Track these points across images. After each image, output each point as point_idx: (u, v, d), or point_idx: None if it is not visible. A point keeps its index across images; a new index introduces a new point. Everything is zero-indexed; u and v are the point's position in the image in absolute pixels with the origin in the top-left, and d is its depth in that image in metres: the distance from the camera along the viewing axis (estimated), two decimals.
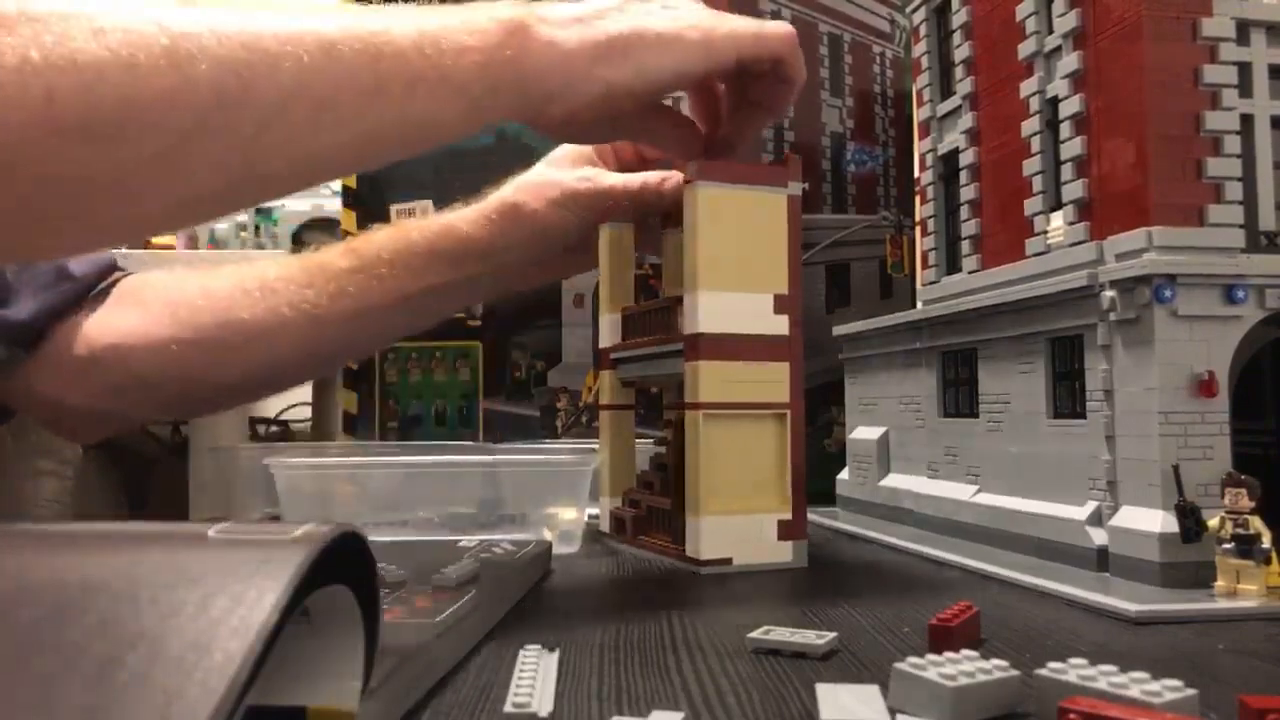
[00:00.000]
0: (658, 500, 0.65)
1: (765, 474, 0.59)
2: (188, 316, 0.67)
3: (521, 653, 0.36)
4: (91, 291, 0.68)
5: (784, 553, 0.59)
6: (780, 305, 0.59)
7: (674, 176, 0.65)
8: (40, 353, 0.66)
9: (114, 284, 0.70)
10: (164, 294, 0.69)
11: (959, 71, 0.72)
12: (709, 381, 0.57)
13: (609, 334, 0.72)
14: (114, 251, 0.72)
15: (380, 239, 0.68)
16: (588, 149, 0.69)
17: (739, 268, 0.58)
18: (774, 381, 0.59)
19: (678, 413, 0.62)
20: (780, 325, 0.59)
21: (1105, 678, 0.29)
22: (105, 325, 0.67)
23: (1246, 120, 0.53)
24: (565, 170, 0.68)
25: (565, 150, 0.70)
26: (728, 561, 0.57)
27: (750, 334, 0.58)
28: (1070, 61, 0.59)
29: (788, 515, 0.59)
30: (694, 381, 0.58)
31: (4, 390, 0.68)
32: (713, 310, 0.58)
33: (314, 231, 1.93)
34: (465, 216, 0.68)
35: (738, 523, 0.58)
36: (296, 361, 0.69)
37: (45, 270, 0.67)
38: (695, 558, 0.57)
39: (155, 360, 0.65)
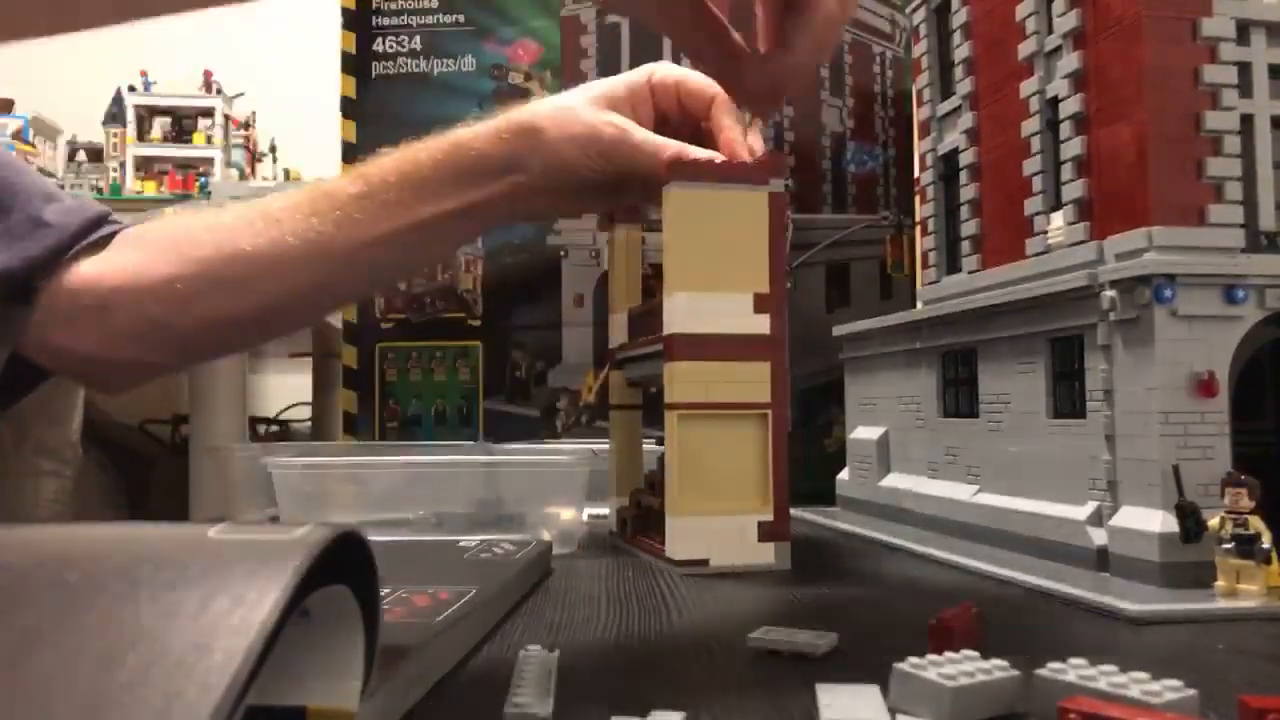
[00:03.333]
0: (653, 500, 0.65)
1: (745, 475, 0.58)
2: (190, 251, 0.66)
3: (521, 653, 0.36)
4: (82, 240, 0.67)
5: (765, 554, 0.58)
6: (760, 305, 0.58)
7: (715, 158, 0.61)
8: (48, 304, 0.66)
9: (113, 234, 0.69)
10: (168, 233, 0.68)
11: (959, 71, 0.72)
12: (683, 382, 0.57)
13: (618, 334, 0.72)
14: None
15: (388, 162, 0.66)
16: (624, 91, 0.66)
17: (716, 268, 0.58)
18: (754, 382, 0.58)
19: None
20: (761, 325, 0.58)
21: (1105, 678, 0.29)
22: (110, 269, 0.66)
23: (1246, 120, 0.53)
24: (595, 110, 0.65)
25: (600, 87, 0.67)
26: (704, 563, 0.57)
27: (729, 334, 0.58)
28: (1070, 61, 0.59)
29: (769, 516, 0.58)
30: (669, 382, 0.58)
31: (28, 348, 0.67)
32: (688, 311, 0.57)
33: None
34: (477, 133, 0.66)
35: (716, 523, 0.57)
36: (307, 294, 0.68)
37: (18, 220, 0.66)
38: (671, 558, 0.57)
39: (163, 299, 0.65)
